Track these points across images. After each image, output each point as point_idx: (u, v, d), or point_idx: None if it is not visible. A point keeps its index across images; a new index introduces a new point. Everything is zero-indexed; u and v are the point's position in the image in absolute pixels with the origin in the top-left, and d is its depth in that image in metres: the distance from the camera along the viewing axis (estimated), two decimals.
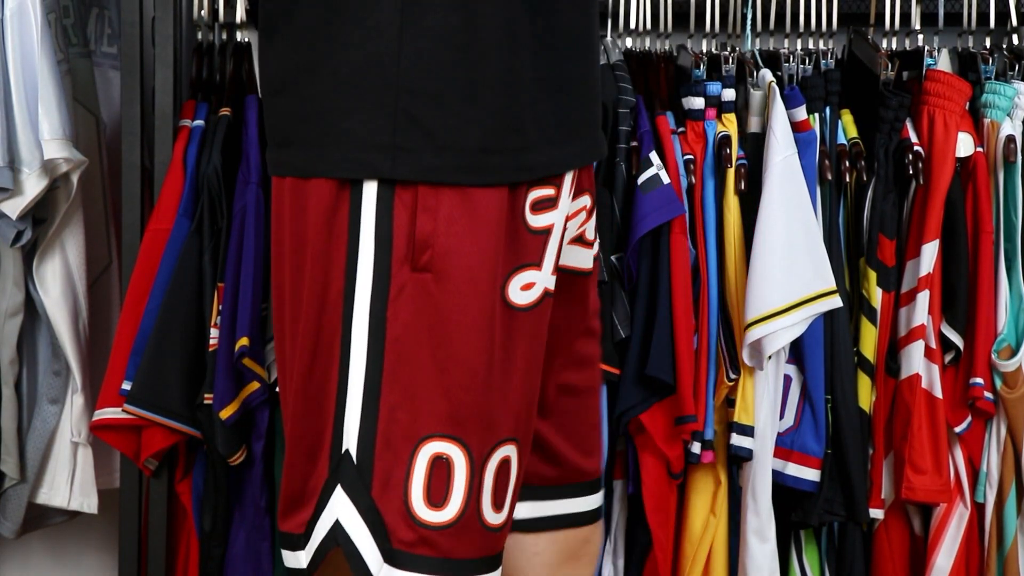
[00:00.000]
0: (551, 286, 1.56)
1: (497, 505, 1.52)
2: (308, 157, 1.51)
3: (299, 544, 1.53)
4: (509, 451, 1.53)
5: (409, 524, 1.48)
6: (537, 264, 1.55)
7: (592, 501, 1.80)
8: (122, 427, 2.50)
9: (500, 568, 1.55)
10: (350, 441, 1.49)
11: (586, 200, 1.66)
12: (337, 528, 1.49)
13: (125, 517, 2.60)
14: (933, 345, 2.58)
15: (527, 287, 1.53)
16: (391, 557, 1.48)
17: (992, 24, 2.73)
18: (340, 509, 1.49)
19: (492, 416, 1.51)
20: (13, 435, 2.59)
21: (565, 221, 1.60)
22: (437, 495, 1.49)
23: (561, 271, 1.66)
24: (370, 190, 1.48)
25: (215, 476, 2.54)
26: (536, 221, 1.55)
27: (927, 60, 2.65)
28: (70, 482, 2.62)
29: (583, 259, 1.70)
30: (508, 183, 1.50)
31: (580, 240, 1.69)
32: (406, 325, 1.48)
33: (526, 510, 1.74)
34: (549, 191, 1.56)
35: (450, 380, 1.48)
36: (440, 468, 1.48)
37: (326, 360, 1.51)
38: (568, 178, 1.59)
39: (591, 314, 1.75)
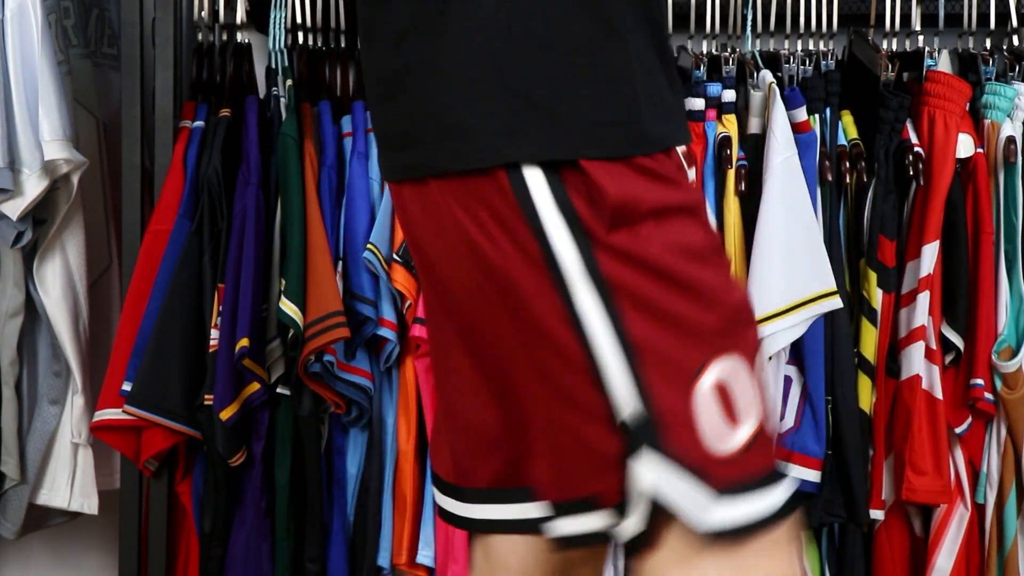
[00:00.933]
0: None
1: (747, 414, 1.50)
2: (434, 154, 1.51)
3: (591, 507, 1.50)
4: (761, 351, 1.53)
5: (716, 458, 1.45)
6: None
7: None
8: (122, 428, 2.51)
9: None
10: (627, 409, 1.46)
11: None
12: (656, 491, 1.45)
13: (125, 518, 2.60)
14: (933, 346, 2.58)
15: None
16: (714, 498, 1.45)
17: (992, 25, 2.74)
18: (648, 475, 1.45)
19: (742, 312, 1.50)
20: (13, 436, 2.59)
21: None
22: (732, 418, 1.46)
23: None
24: (532, 174, 1.47)
25: (215, 477, 2.54)
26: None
27: (927, 61, 2.65)
28: (70, 483, 2.62)
29: None
30: (629, 155, 1.50)
31: None
32: (626, 281, 1.46)
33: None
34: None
35: (694, 307, 1.47)
36: (723, 392, 1.46)
37: (555, 346, 1.49)
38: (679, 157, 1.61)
39: None
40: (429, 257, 1.57)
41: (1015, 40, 2.76)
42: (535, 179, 1.48)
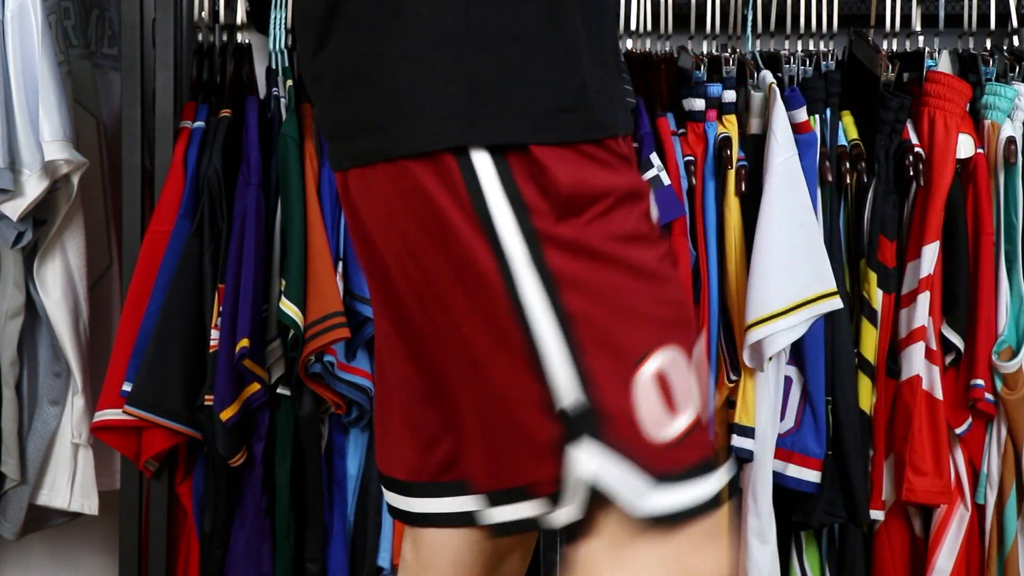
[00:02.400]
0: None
1: (689, 402, 1.51)
2: (384, 140, 1.51)
3: (525, 496, 1.52)
4: (701, 344, 1.54)
5: (655, 446, 1.46)
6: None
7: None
8: (122, 428, 2.51)
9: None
10: (567, 398, 1.47)
11: None
12: (595, 479, 1.46)
13: (126, 518, 2.60)
14: (934, 346, 2.58)
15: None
16: (651, 484, 1.46)
17: (992, 25, 2.74)
18: (587, 462, 1.46)
19: (686, 311, 1.52)
20: (14, 436, 2.59)
21: None
22: (671, 407, 1.48)
23: None
24: (480, 158, 1.48)
25: (215, 477, 2.54)
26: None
27: (927, 61, 2.65)
28: (71, 483, 2.62)
29: None
30: (583, 140, 1.51)
31: None
32: (571, 272, 1.47)
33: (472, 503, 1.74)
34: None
35: (639, 298, 1.48)
36: (663, 381, 1.48)
37: (497, 334, 1.50)
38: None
39: None
40: (374, 246, 1.56)
41: (1015, 41, 2.76)
42: (484, 164, 1.48)
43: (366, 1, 1.52)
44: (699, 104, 2.58)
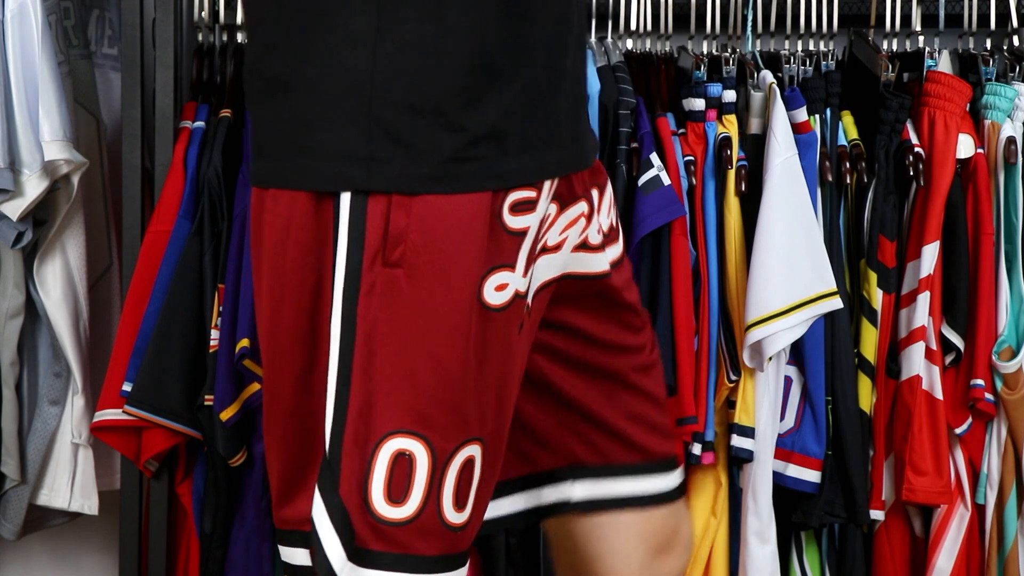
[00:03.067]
0: (523, 288, 1.57)
1: (459, 504, 1.52)
2: (285, 168, 1.51)
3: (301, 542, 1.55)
4: (474, 451, 1.52)
5: (368, 521, 1.48)
6: (511, 265, 1.55)
7: (670, 480, 1.79)
8: (123, 428, 2.51)
9: (463, 568, 1.54)
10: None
11: (583, 207, 1.65)
12: (311, 528, 1.51)
13: (125, 519, 2.60)
14: (934, 346, 2.58)
15: (501, 288, 1.53)
16: (354, 555, 1.49)
17: (993, 25, 2.74)
18: (315, 509, 1.50)
19: (458, 414, 1.51)
20: (14, 437, 2.59)
21: (540, 224, 1.60)
22: (397, 492, 1.49)
23: (572, 278, 1.67)
24: (346, 198, 1.48)
25: (215, 477, 2.54)
26: (514, 222, 1.55)
27: (927, 61, 2.65)
28: (71, 483, 2.62)
29: (593, 263, 1.70)
30: (481, 191, 1.50)
31: (584, 246, 1.68)
32: (376, 321, 1.47)
33: (607, 488, 1.75)
34: (530, 193, 1.56)
35: (417, 377, 1.48)
36: (401, 465, 1.48)
37: (312, 366, 1.52)
38: (547, 184, 1.59)
39: (624, 308, 1.74)
40: (260, 263, 1.57)
41: (1015, 41, 2.76)
42: (360, 207, 1.48)
43: (279, 22, 1.50)
44: (699, 104, 2.58)
